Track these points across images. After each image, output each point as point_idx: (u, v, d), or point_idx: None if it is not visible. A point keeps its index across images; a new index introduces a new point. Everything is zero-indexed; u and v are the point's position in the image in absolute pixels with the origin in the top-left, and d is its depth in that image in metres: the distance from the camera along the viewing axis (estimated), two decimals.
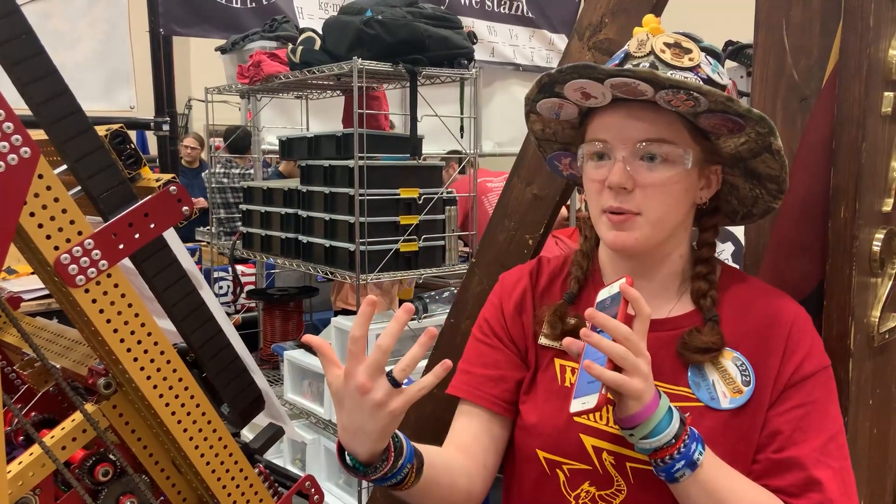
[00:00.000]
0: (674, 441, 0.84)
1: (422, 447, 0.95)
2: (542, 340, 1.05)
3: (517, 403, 1.06)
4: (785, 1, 1.13)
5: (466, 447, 1.04)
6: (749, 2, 1.17)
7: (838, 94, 1.06)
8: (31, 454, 0.86)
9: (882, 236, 1.08)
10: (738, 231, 1.20)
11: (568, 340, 0.89)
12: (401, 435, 0.90)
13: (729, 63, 2.40)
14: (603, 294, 0.90)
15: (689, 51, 0.92)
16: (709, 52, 0.96)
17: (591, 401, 0.82)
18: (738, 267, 1.18)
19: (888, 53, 1.07)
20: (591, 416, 0.97)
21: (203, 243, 4.25)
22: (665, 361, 0.95)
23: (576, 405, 0.85)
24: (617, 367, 0.82)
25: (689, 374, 0.95)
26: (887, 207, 1.09)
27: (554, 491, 0.99)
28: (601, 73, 0.89)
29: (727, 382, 0.94)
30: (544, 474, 1.00)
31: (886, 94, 1.06)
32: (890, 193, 1.10)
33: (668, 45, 0.92)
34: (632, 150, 0.92)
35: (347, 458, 0.87)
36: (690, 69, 0.91)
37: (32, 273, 2.82)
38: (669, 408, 0.85)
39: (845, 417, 1.05)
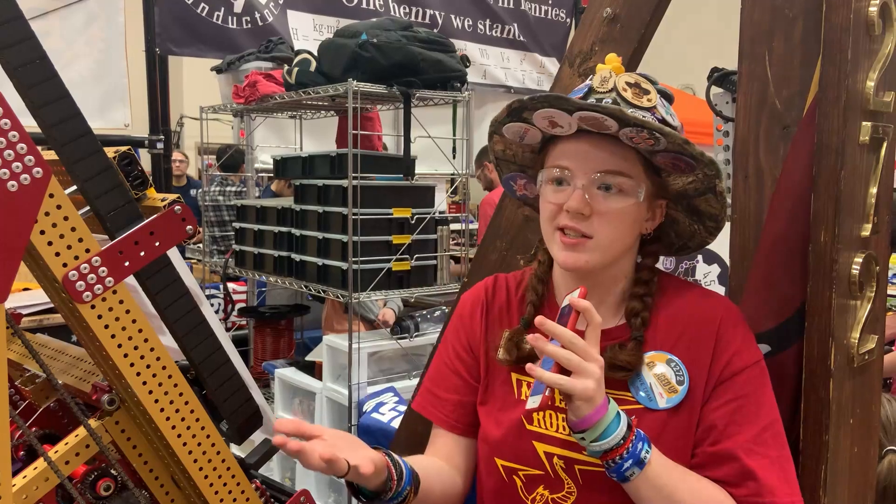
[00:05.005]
0: (622, 441, 0.89)
1: (414, 461, 1.04)
2: (501, 355, 1.09)
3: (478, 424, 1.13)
4: (767, 33, 1.18)
5: (448, 456, 1.13)
6: (733, 33, 1.22)
7: (818, 124, 1.10)
8: (35, 468, 0.88)
9: (861, 260, 1.11)
10: (724, 253, 1.24)
11: (533, 337, 0.94)
12: (401, 462, 0.99)
13: (715, 89, 2.45)
14: (563, 303, 0.97)
15: (647, 91, 0.98)
16: (662, 94, 1.02)
17: (536, 400, 0.88)
18: (724, 289, 1.21)
19: (866, 85, 1.11)
20: (542, 423, 1.04)
21: (193, 261, 4.25)
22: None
23: (529, 403, 0.91)
24: (565, 371, 0.87)
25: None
26: (866, 232, 1.13)
27: (513, 496, 1.06)
28: (572, 105, 0.94)
29: (663, 384, 1.00)
30: (503, 481, 1.07)
31: (864, 123, 1.10)
32: (868, 219, 1.13)
33: (629, 84, 0.98)
34: (591, 178, 0.98)
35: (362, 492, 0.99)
36: (648, 109, 0.97)
37: (25, 289, 2.83)
38: (618, 412, 0.91)
39: (826, 437, 1.08)
